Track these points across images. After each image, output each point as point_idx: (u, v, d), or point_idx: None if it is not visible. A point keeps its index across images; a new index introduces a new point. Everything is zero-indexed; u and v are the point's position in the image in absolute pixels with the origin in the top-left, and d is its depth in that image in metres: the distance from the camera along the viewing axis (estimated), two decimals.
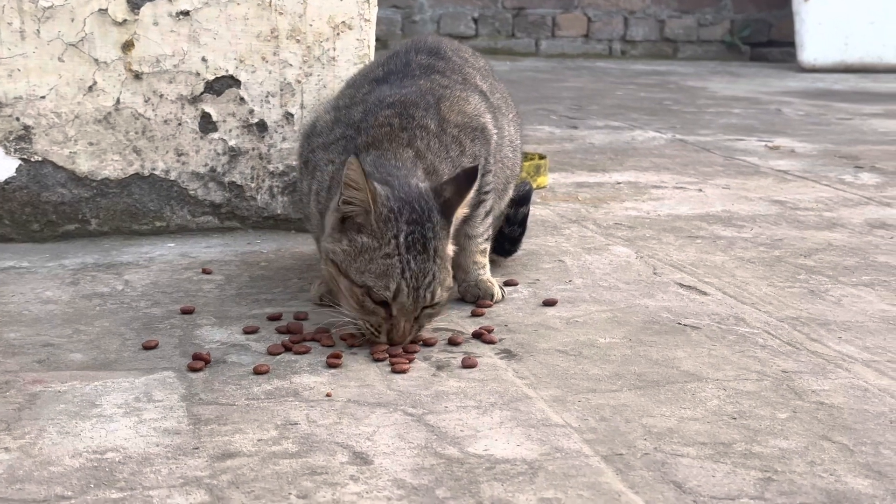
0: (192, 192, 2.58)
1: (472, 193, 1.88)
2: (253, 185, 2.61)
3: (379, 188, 1.81)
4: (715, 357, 1.83)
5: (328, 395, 1.65)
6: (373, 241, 1.80)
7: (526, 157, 3.34)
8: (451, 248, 1.88)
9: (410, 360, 1.78)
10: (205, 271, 2.30)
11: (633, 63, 7.84)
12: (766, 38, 8.31)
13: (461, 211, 1.88)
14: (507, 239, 2.39)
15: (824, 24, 7.40)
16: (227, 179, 2.59)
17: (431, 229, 1.81)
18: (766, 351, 1.86)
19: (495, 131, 2.15)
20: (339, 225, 1.84)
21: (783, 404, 1.62)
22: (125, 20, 2.46)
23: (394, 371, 1.75)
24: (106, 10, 2.45)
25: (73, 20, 2.44)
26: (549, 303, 2.12)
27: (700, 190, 3.28)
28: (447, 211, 1.84)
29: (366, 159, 1.90)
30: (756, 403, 1.62)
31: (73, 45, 2.45)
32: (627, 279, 2.30)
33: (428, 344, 1.87)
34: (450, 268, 1.87)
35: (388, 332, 1.81)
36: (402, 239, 1.79)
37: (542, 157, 3.36)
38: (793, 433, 1.52)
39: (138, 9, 2.47)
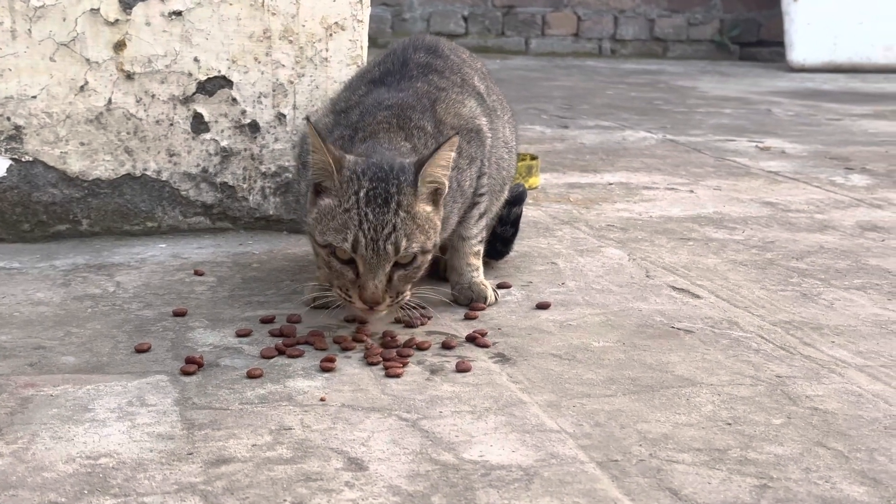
0: (183, 193, 2.57)
1: (444, 157, 1.83)
2: (245, 185, 2.60)
3: (348, 156, 1.83)
4: (709, 361, 1.83)
5: (322, 399, 1.64)
6: (335, 200, 1.81)
7: (518, 157, 3.34)
8: (427, 209, 1.84)
9: (404, 364, 1.78)
10: (197, 273, 2.29)
11: (623, 62, 7.85)
12: (756, 38, 8.33)
13: (434, 172, 1.83)
14: (500, 239, 2.38)
15: (813, 24, 7.41)
16: (218, 180, 2.58)
17: (396, 185, 1.80)
18: (759, 355, 1.86)
19: (490, 134, 2.14)
20: (313, 197, 1.87)
21: (777, 410, 1.62)
22: (117, 20, 2.45)
23: (388, 375, 1.74)
24: (98, 9, 2.43)
25: (64, 20, 2.42)
26: (543, 306, 2.12)
27: (691, 191, 3.28)
28: (417, 169, 1.83)
29: (359, 147, 1.92)
30: (750, 409, 1.62)
31: (65, 45, 2.44)
32: (620, 282, 2.30)
33: (421, 348, 1.87)
34: (428, 228, 1.84)
35: (359, 294, 1.80)
36: (362, 194, 1.79)
37: (533, 157, 3.35)
38: (788, 439, 1.52)
39: (130, 9, 2.45)
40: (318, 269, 2.10)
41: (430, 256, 1.87)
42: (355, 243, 1.78)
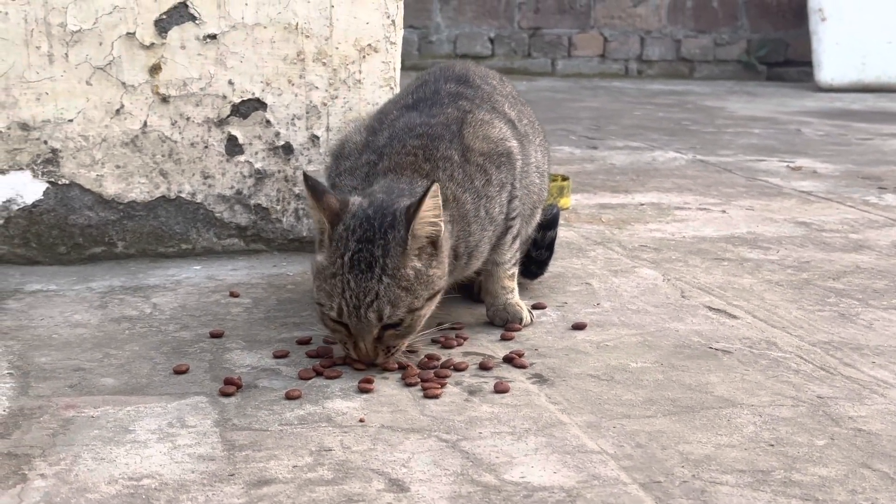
0: (217, 215, 2.58)
1: (430, 209, 1.79)
2: (279, 207, 2.61)
3: (352, 203, 1.81)
4: (749, 382, 1.82)
5: (361, 420, 1.64)
6: (326, 260, 1.81)
7: (550, 178, 3.34)
8: (417, 266, 1.80)
9: (442, 385, 1.78)
10: (232, 294, 2.29)
11: (650, 83, 7.84)
12: (783, 58, 8.31)
13: (424, 228, 1.80)
14: (534, 262, 2.38)
15: (841, 43, 7.39)
16: (252, 202, 2.59)
17: (382, 247, 1.77)
18: (799, 376, 1.85)
19: (520, 157, 2.14)
20: (318, 245, 1.87)
21: (820, 431, 1.61)
22: (153, 44, 2.47)
23: (426, 396, 1.74)
24: (134, 33, 2.45)
25: (101, 44, 2.44)
26: (579, 326, 2.12)
27: (724, 211, 3.27)
28: (408, 223, 1.79)
29: (381, 182, 1.91)
30: (793, 430, 1.61)
31: (101, 69, 2.46)
32: (656, 302, 2.29)
33: (459, 368, 1.86)
34: (416, 287, 1.80)
35: (354, 350, 1.82)
36: (346, 258, 1.78)
37: (565, 178, 3.35)
38: (832, 461, 1.50)
39: (166, 32, 2.47)
40: None
41: (427, 310, 1.84)
42: (339, 311, 1.79)
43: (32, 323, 2.08)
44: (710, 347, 2.00)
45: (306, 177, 1.84)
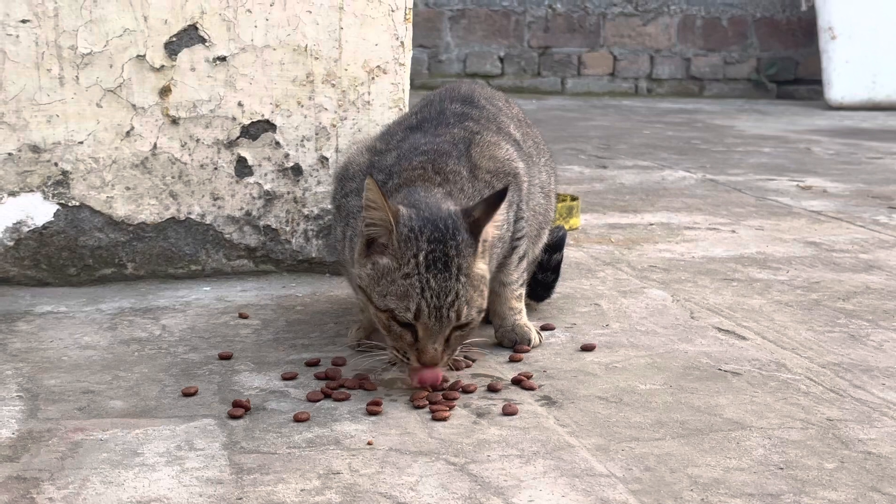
0: (227, 236, 2.59)
1: (499, 214, 1.84)
2: (288, 228, 2.62)
3: (402, 208, 1.81)
4: (758, 404, 1.81)
5: (370, 443, 1.64)
6: (393, 261, 1.79)
7: (558, 198, 3.34)
8: (482, 267, 1.84)
9: (451, 408, 1.78)
10: (241, 316, 2.30)
11: (660, 101, 7.85)
12: (793, 76, 8.31)
13: (491, 230, 1.84)
14: (541, 285, 2.38)
15: (852, 61, 7.39)
16: (262, 223, 2.60)
17: (455, 247, 1.78)
18: (809, 398, 1.84)
19: (526, 178, 2.14)
20: (364, 249, 1.85)
21: (830, 454, 1.60)
22: (162, 66, 2.48)
23: (434, 419, 1.74)
24: (144, 56, 2.47)
25: (111, 66, 2.46)
26: (588, 348, 2.11)
27: (733, 231, 3.27)
28: (475, 229, 1.81)
29: (396, 196, 1.91)
30: (802, 453, 1.60)
31: (112, 91, 2.47)
32: (665, 323, 2.28)
33: (467, 391, 1.86)
34: (482, 288, 1.83)
35: (417, 356, 1.79)
36: (421, 258, 1.77)
37: (574, 198, 3.35)
38: (841, 484, 1.50)
39: (176, 55, 2.49)
40: (361, 312, 2.11)
41: (483, 312, 1.87)
42: (418, 312, 1.76)
43: (42, 345, 2.09)
44: (720, 369, 1.99)
45: (371, 176, 1.79)
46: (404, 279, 1.77)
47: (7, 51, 2.41)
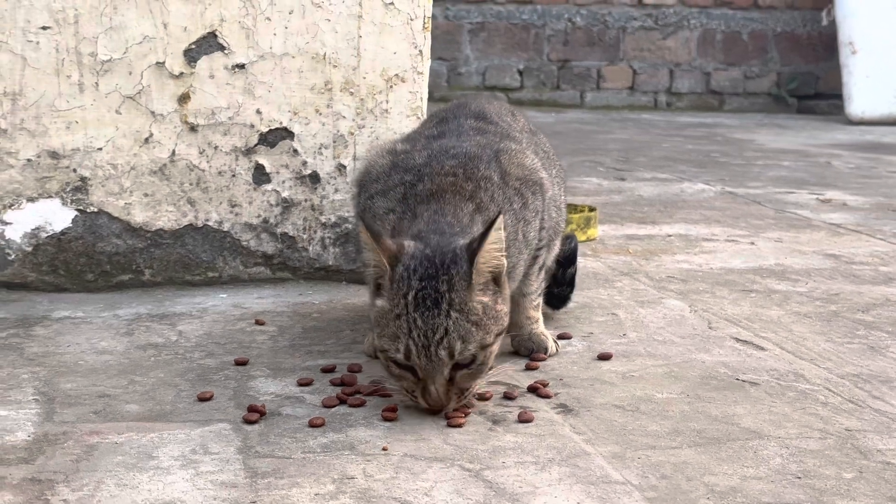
0: (244, 243, 2.59)
1: (495, 241, 1.76)
2: (305, 236, 2.62)
3: (408, 247, 1.76)
4: (776, 414, 1.80)
5: (384, 448, 1.63)
6: (388, 303, 1.75)
7: (576, 209, 3.34)
8: (483, 300, 1.75)
9: (466, 415, 1.77)
10: (258, 322, 2.30)
11: (679, 115, 7.83)
12: (813, 91, 8.28)
13: (488, 261, 1.76)
14: (557, 297, 2.38)
15: (872, 76, 7.36)
16: (279, 230, 2.60)
17: (447, 282, 1.72)
18: (827, 408, 1.83)
19: (550, 189, 2.14)
20: (374, 290, 1.82)
21: (848, 464, 1.59)
22: (182, 73, 2.49)
23: (450, 425, 1.73)
24: (163, 63, 2.48)
25: (130, 73, 2.47)
26: (604, 357, 2.10)
27: (752, 243, 3.25)
28: (471, 259, 1.74)
29: (423, 214, 1.89)
30: (820, 462, 1.59)
31: (131, 98, 2.48)
32: (682, 333, 2.27)
33: (483, 398, 1.85)
34: (486, 322, 1.75)
35: (422, 397, 1.75)
36: (410, 297, 1.71)
37: (591, 209, 3.35)
38: (860, 494, 1.48)
39: (195, 62, 2.49)
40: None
41: (496, 347, 1.78)
42: (407, 352, 1.71)
43: (59, 349, 2.09)
44: (737, 379, 1.98)
45: (361, 218, 1.77)
46: (395, 320, 1.73)
47: (28, 57, 2.42)
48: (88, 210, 2.50)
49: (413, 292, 1.71)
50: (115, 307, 2.40)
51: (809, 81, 8.29)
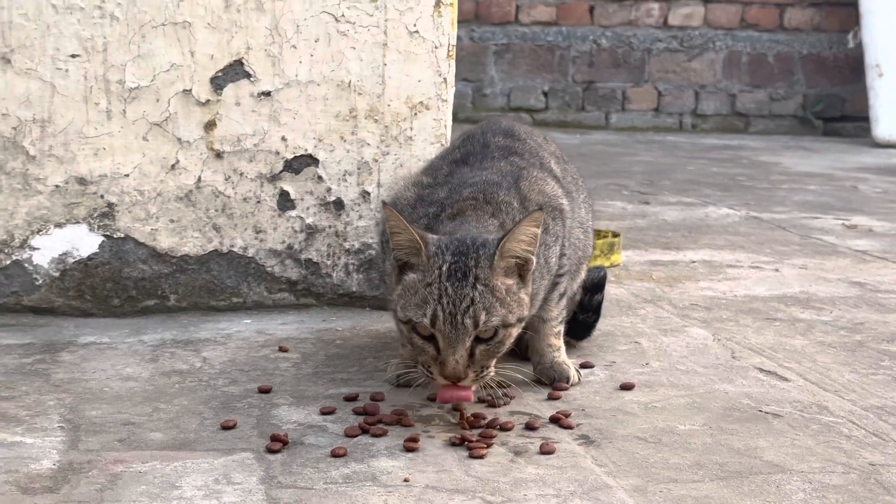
0: (269, 269, 2.60)
1: (526, 232, 1.82)
2: (329, 262, 2.63)
3: (430, 236, 1.86)
4: (799, 447, 1.79)
5: (406, 480, 1.64)
6: (419, 275, 1.83)
7: (599, 234, 3.34)
8: (507, 282, 1.83)
9: (488, 445, 1.77)
10: (281, 349, 2.31)
11: (704, 137, 7.82)
12: (840, 113, 8.25)
13: (513, 246, 1.83)
14: (581, 325, 2.38)
15: None
16: (303, 257, 2.62)
17: (475, 259, 1.81)
18: (851, 442, 1.82)
19: (570, 215, 2.15)
20: (398, 276, 1.88)
21: (871, 500, 1.58)
22: (208, 100, 2.51)
23: (471, 456, 1.73)
24: (190, 90, 2.50)
25: (157, 100, 2.49)
26: (627, 387, 2.10)
27: (777, 270, 3.24)
28: (499, 243, 1.82)
29: (448, 226, 1.93)
30: (843, 498, 1.58)
31: (158, 125, 2.50)
32: (705, 363, 2.27)
33: (505, 428, 1.86)
34: (510, 302, 1.83)
35: (440, 369, 1.79)
36: (444, 269, 1.80)
37: (615, 234, 3.35)
38: None
39: (221, 90, 2.52)
40: (402, 347, 2.11)
41: (514, 331, 1.86)
42: (434, 318, 1.78)
43: (85, 376, 2.11)
44: (760, 410, 1.97)
45: (387, 205, 1.85)
46: (425, 288, 1.81)
47: (56, 85, 2.45)
48: (115, 236, 2.53)
49: (447, 265, 1.81)
50: (141, 332, 2.42)
51: (836, 104, 8.26)
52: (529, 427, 1.87)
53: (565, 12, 8.04)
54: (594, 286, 2.36)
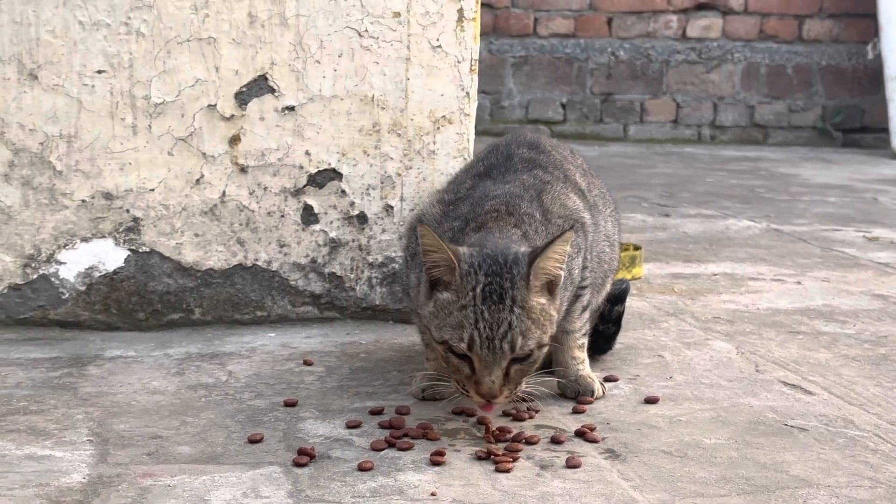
0: (292, 283, 2.62)
1: (558, 251, 1.84)
2: (352, 275, 2.64)
3: (463, 250, 1.85)
4: (825, 461, 1.79)
5: (433, 494, 1.64)
6: (453, 295, 1.82)
7: (621, 247, 3.33)
8: (541, 302, 1.84)
9: (514, 459, 1.78)
10: (306, 363, 2.32)
11: (723, 149, 7.81)
12: (859, 124, 8.23)
13: (546, 264, 1.84)
14: (602, 336, 2.38)
15: None
16: (327, 270, 2.63)
17: (510, 280, 1.81)
18: (877, 456, 1.82)
19: (591, 229, 2.16)
20: (429, 291, 1.88)
21: None
22: (232, 115, 2.53)
23: (498, 470, 1.74)
24: (215, 105, 2.52)
25: (182, 116, 2.51)
26: (651, 400, 2.10)
27: (799, 282, 3.24)
28: (531, 261, 1.83)
29: (472, 237, 1.94)
30: None
31: (183, 140, 2.52)
32: (729, 376, 2.27)
33: (531, 442, 1.86)
34: (544, 322, 1.84)
35: (475, 388, 1.81)
36: (478, 290, 1.80)
37: (637, 247, 3.35)
38: None
39: (245, 105, 2.53)
40: (427, 361, 2.12)
41: (546, 349, 1.87)
42: (471, 342, 1.79)
43: (112, 389, 2.12)
44: (786, 424, 1.97)
45: (424, 224, 1.85)
46: (460, 311, 1.81)
47: (83, 100, 2.47)
48: (140, 250, 2.54)
49: (481, 286, 1.80)
50: (166, 346, 2.43)
51: (855, 115, 8.25)
52: (555, 441, 1.87)
53: (583, 24, 8.05)
54: (615, 297, 2.37)
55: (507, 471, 1.73)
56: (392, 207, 2.63)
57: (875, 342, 2.56)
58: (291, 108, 2.56)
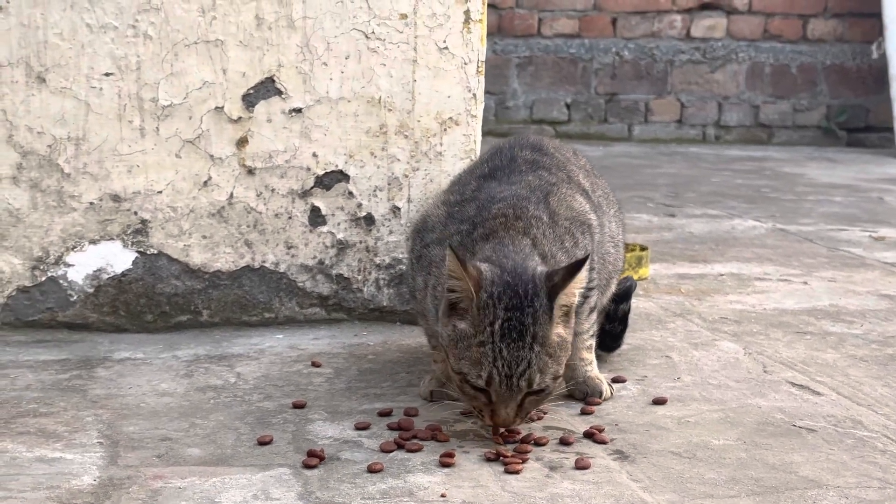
0: (300, 284, 2.62)
1: (579, 281, 1.85)
2: (360, 277, 2.65)
3: (485, 270, 1.83)
4: (834, 462, 1.79)
5: (443, 495, 1.65)
6: (471, 328, 1.82)
7: (627, 247, 3.34)
8: (560, 333, 1.85)
9: (524, 461, 1.78)
10: (314, 364, 2.32)
11: (727, 148, 7.81)
12: (863, 124, 8.22)
13: (568, 298, 1.85)
14: (609, 335, 2.39)
15: None
16: (334, 272, 2.63)
17: (532, 315, 1.80)
18: (886, 456, 1.82)
19: (598, 230, 2.16)
20: (447, 310, 1.87)
21: None
22: (240, 118, 2.54)
23: (507, 472, 1.74)
24: (222, 107, 2.52)
25: (190, 118, 2.52)
26: (659, 401, 2.11)
27: (805, 283, 3.24)
28: (552, 295, 1.83)
29: (484, 248, 1.93)
30: None
31: (190, 142, 2.53)
32: (737, 377, 2.27)
33: (540, 443, 1.87)
34: (560, 354, 1.84)
35: (491, 416, 1.83)
36: (496, 326, 1.79)
37: (643, 248, 3.35)
38: None
39: (253, 107, 2.54)
40: (434, 363, 2.13)
41: (561, 379, 1.88)
42: (489, 380, 1.79)
43: (121, 391, 2.13)
44: (794, 425, 1.98)
45: (452, 248, 1.83)
46: (479, 346, 1.80)
47: (91, 103, 2.48)
48: (148, 252, 2.55)
49: (499, 322, 1.79)
50: (174, 348, 2.44)
51: (859, 114, 8.24)
52: (564, 442, 1.87)
53: (588, 24, 8.05)
54: (619, 296, 2.37)
55: (517, 472, 1.74)
56: (399, 209, 2.64)
57: (882, 342, 2.56)
58: (298, 110, 2.56)
